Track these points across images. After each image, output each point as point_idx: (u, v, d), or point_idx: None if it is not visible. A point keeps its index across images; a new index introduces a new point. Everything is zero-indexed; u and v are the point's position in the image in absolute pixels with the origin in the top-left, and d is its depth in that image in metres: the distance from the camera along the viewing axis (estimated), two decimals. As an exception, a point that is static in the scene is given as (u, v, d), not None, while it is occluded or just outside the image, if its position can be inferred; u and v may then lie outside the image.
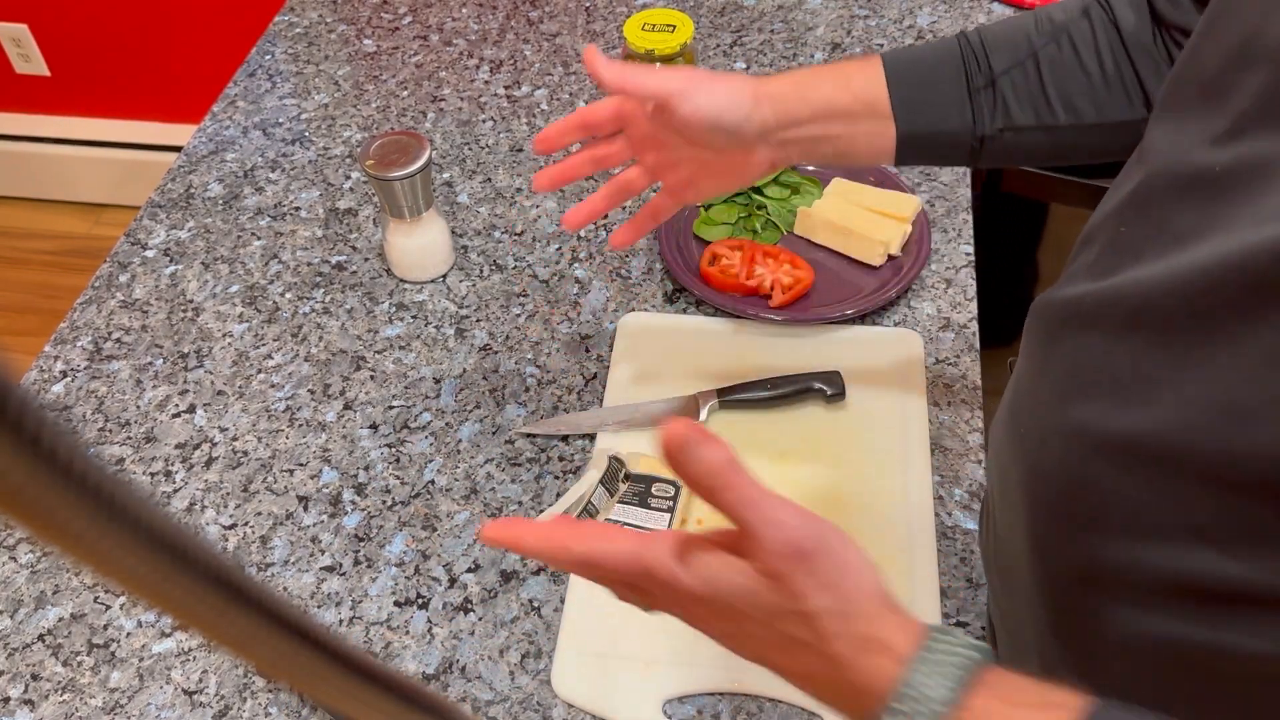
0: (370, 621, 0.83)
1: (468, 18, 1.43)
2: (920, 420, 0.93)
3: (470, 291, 1.07)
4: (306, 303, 1.07)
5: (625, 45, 1.14)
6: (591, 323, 1.04)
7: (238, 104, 1.31)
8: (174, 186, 1.21)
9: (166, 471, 0.93)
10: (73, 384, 1.01)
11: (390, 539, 0.88)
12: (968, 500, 0.88)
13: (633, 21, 1.14)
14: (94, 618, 0.84)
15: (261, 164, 1.23)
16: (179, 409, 0.98)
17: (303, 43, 1.40)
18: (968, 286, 1.04)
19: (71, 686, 0.80)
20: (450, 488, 0.91)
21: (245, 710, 0.78)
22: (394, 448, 0.94)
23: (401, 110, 1.29)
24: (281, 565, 0.87)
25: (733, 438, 0.92)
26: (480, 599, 0.84)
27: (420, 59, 1.36)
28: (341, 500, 0.91)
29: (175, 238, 1.15)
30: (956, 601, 0.82)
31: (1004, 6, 1.38)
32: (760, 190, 1.13)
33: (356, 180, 1.20)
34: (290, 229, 1.15)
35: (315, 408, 0.98)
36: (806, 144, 0.77)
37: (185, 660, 0.81)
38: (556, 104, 1.28)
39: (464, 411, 0.97)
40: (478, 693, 0.79)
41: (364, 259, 1.11)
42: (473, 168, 1.21)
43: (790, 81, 0.76)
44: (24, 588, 0.86)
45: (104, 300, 1.09)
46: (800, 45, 1.34)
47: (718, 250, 1.06)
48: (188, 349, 1.03)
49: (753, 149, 0.77)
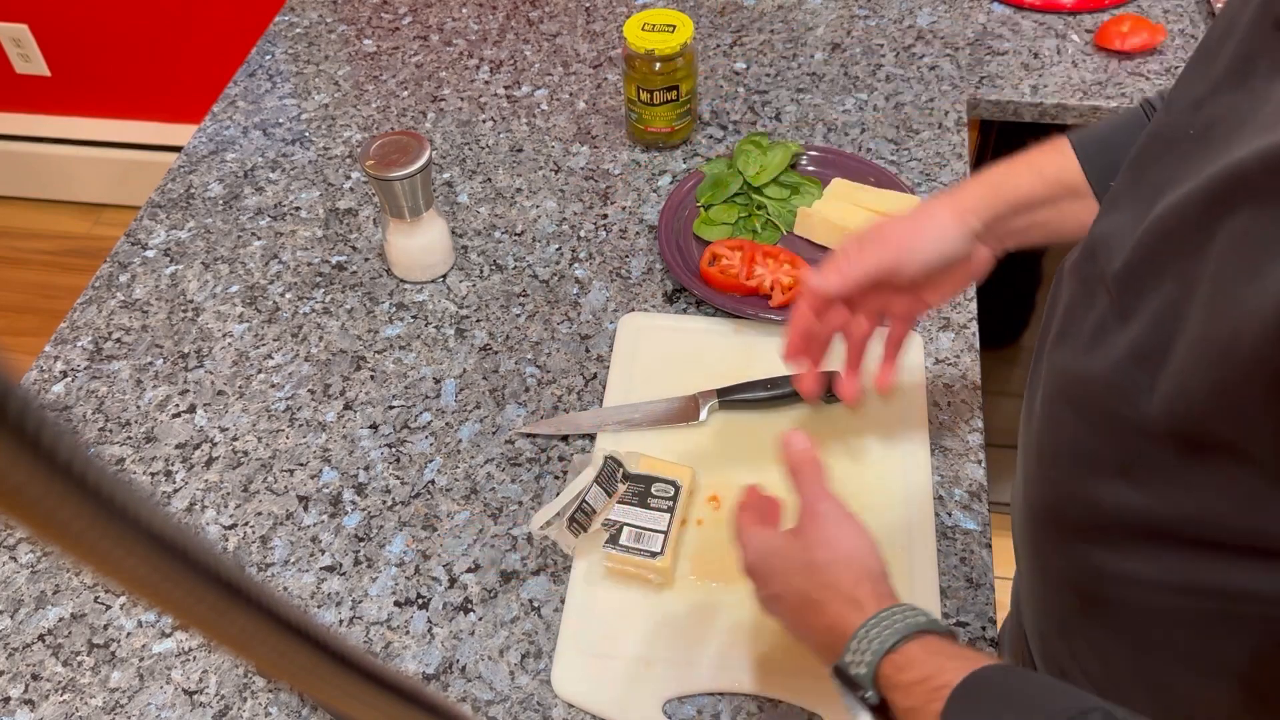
0: (370, 621, 0.83)
1: (468, 18, 1.43)
2: (920, 420, 0.93)
3: (470, 291, 1.07)
4: (306, 303, 1.07)
5: (625, 45, 1.14)
6: (591, 323, 1.04)
7: (238, 104, 1.31)
8: (174, 186, 1.21)
9: (166, 471, 0.93)
10: (73, 384, 1.01)
11: (390, 539, 0.88)
12: (968, 500, 0.88)
13: (633, 21, 1.14)
14: (94, 618, 0.84)
15: (262, 164, 1.23)
16: (179, 409, 0.98)
17: (303, 43, 1.40)
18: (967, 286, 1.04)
19: (71, 686, 0.80)
20: (450, 488, 0.91)
21: (245, 710, 0.78)
22: (394, 448, 0.94)
23: (401, 110, 1.29)
24: (281, 565, 0.87)
25: (732, 437, 0.93)
26: (480, 599, 0.84)
27: (420, 59, 1.36)
28: (341, 500, 0.91)
29: (175, 238, 1.15)
30: (957, 601, 0.82)
31: (1004, 7, 1.38)
32: (760, 190, 1.13)
33: (356, 180, 1.20)
34: (290, 229, 1.15)
35: (315, 408, 0.98)
36: (1017, 235, 0.79)
37: (185, 660, 0.81)
38: (556, 104, 1.28)
39: (464, 411, 0.97)
40: (478, 693, 0.79)
41: (364, 259, 1.11)
42: (473, 168, 1.21)
43: (985, 186, 0.78)
44: (24, 588, 0.86)
45: (104, 300, 1.09)
46: (800, 45, 1.35)
47: (718, 250, 1.06)
48: (188, 349, 1.04)
49: (971, 257, 0.79)
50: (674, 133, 1.20)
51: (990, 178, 0.79)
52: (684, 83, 1.15)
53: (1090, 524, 0.65)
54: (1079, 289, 0.66)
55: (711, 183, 1.13)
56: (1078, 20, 1.35)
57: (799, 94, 1.28)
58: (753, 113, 1.26)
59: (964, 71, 1.29)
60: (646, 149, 1.22)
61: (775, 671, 0.78)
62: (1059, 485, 0.67)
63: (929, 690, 0.54)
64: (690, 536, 0.86)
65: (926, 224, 0.77)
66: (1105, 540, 0.64)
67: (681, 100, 1.17)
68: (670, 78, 1.14)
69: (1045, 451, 0.69)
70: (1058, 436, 0.67)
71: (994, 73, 1.29)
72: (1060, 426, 0.66)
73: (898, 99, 1.26)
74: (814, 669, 0.78)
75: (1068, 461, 0.66)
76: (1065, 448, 0.66)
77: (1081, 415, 0.64)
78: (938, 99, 1.26)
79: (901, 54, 1.32)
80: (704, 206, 1.12)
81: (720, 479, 0.89)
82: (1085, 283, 0.65)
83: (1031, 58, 1.31)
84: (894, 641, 0.57)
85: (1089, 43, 1.31)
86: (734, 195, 1.12)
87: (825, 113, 1.25)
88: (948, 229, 0.77)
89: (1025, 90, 1.26)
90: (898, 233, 0.77)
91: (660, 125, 1.18)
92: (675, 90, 1.15)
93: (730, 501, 0.88)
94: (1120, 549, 0.63)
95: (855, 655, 0.59)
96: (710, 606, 0.82)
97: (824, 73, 1.30)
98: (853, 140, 1.21)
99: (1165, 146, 0.61)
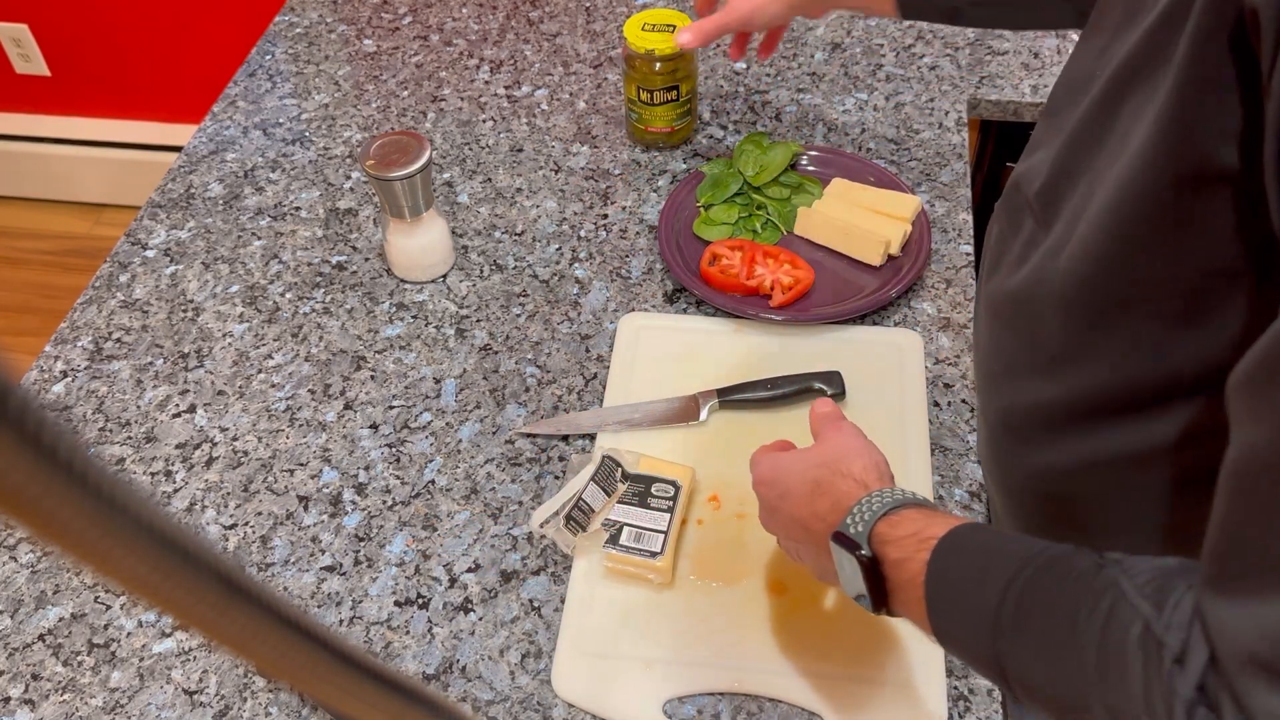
0: (370, 621, 0.83)
1: (468, 18, 1.43)
2: (920, 420, 0.93)
3: (470, 291, 1.07)
4: (306, 303, 1.07)
5: (625, 45, 1.14)
6: (591, 323, 1.04)
7: (238, 104, 1.31)
8: (174, 186, 1.21)
9: (166, 471, 0.93)
10: (73, 384, 1.01)
11: (390, 539, 0.88)
12: (968, 500, 0.88)
13: (633, 21, 1.14)
14: (94, 618, 0.84)
15: (262, 164, 1.23)
16: (179, 409, 0.98)
17: (303, 43, 1.40)
18: (968, 286, 1.04)
19: (71, 686, 0.80)
20: (450, 488, 0.91)
21: (245, 710, 0.78)
22: (394, 448, 0.94)
23: (401, 110, 1.29)
24: (281, 565, 0.87)
25: (733, 437, 0.93)
26: (480, 599, 0.84)
27: (420, 59, 1.36)
28: (342, 500, 0.91)
29: (175, 238, 1.15)
30: (956, 601, 0.82)
31: None
32: (760, 190, 1.13)
33: (356, 180, 1.20)
34: (290, 229, 1.15)
35: (315, 408, 0.98)
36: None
37: (185, 660, 0.81)
38: (556, 104, 1.28)
39: (464, 411, 0.97)
40: (478, 693, 0.79)
41: (364, 259, 1.11)
42: (473, 168, 1.21)
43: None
44: (24, 588, 0.86)
45: (104, 300, 1.09)
46: (800, 45, 1.35)
47: (718, 250, 1.06)
48: (188, 349, 1.04)
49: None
50: (674, 133, 1.20)
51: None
52: (684, 83, 1.15)
53: (1026, 427, 0.74)
54: (1005, 223, 0.75)
55: (711, 183, 1.13)
56: (1078, 20, 1.35)
57: (799, 94, 1.28)
58: (753, 113, 1.26)
59: (964, 71, 1.29)
60: (646, 149, 1.22)
61: (775, 671, 0.78)
62: (1000, 399, 0.77)
63: (917, 541, 0.59)
64: (690, 536, 0.86)
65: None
66: (1039, 440, 0.73)
67: (681, 100, 1.17)
68: (670, 78, 1.14)
69: (989, 373, 0.78)
70: (994, 357, 0.77)
71: (994, 73, 1.29)
72: (997, 347, 0.76)
73: (898, 99, 1.26)
74: (814, 669, 0.78)
75: (1002, 377, 0.76)
76: (1000, 364, 0.76)
77: (1010, 327, 0.73)
78: (938, 99, 1.26)
79: (901, 54, 1.32)
80: (704, 206, 1.12)
81: (720, 479, 0.89)
82: (1011, 214, 0.74)
83: (1031, 57, 1.31)
84: (892, 506, 0.62)
85: (1089, 43, 1.31)
86: (734, 195, 1.12)
87: (825, 112, 1.25)
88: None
89: (1025, 90, 1.26)
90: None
91: (660, 125, 1.18)
92: (675, 90, 1.15)
93: (730, 501, 0.88)
94: (1051, 444, 0.72)
95: (854, 518, 0.63)
96: (710, 606, 0.82)
97: (824, 72, 1.30)
98: (853, 140, 1.21)
99: (1074, 92, 0.67)
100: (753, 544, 0.85)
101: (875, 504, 0.62)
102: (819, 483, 0.68)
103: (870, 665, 0.78)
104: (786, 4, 1.00)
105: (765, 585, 0.82)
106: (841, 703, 0.76)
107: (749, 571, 0.83)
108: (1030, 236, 0.70)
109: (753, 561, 0.84)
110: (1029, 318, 0.70)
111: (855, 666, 0.78)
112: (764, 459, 0.75)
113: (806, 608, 0.81)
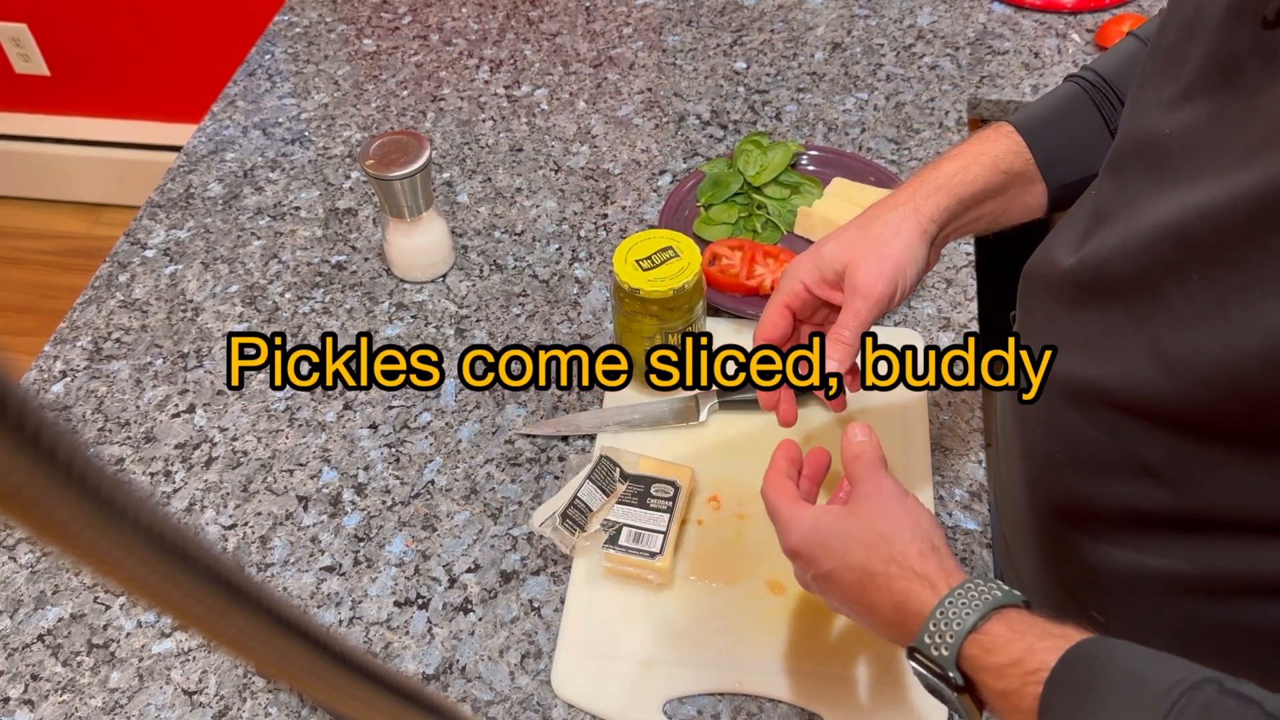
0: (370, 622, 0.83)
1: (468, 18, 1.43)
2: (920, 420, 0.93)
3: (470, 291, 1.07)
4: (306, 303, 1.07)
5: (614, 276, 0.89)
6: (591, 323, 1.04)
7: (238, 104, 1.31)
8: (174, 186, 1.21)
9: (166, 471, 0.93)
10: (73, 384, 1.01)
11: (390, 539, 0.88)
12: (968, 500, 0.88)
13: (621, 250, 0.90)
14: (94, 618, 0.84)
15: (261, 164, 1.23)
16: (179, 409, 0.98)
17: (303, 42, 1.40)
18: (968, 286, 1.04)
19: (71, 686, 0.80)
20: (450, 488, 0.91)
21: (245, 710, 0.78)
22: (394, 448, 0.94)
23: (401, 110, 1.29)
24: (281, 565, 0.87)
25: (733, 438, 0.93)
26: (480, 599, 0.84)
27: (420, 59, 1.36)
28: (341, 500, 0.91)
29: (175, 238, 1.15)
30: (956, 601, 0.82)
31: (1004, 7, 1.38)
32: (760, 190, 1.13)
33: (356, 180, 1.20)
34: (290, 229, 1.15)
35: (315, 408, 0.98)
36: (962, 230, 0.77)
37: (185, 660, 0.81)
38: (556, 104, 1.28)
39: (464, 411, 0.97)
40: (478, 693, 0.78)
41: (364, 259, 1.11)
42: (473, 168, 1.21)
43: (940, 190, 0.74)
44: (24, 588, 0.86)
45: (104, 300, 1.09)
46: (800, 45, 1.35)
47: (718, 250, 1.06)
48: (188, 349, 1.03)
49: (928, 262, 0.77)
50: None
51: (941, 177, 0.74)
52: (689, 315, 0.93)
53: (1108, 522, 0.67)
54: (1071, 297, 0.67)
55: (711, 183, 1.13)
56: (1078, 20, 1.35)
57: (799, 93, 1.28)
58: (753, 112, 1.26)
59: (964, 71, 1.29)
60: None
61: (775, 671, 0.78)
62: (1073, 488, 0.68)
63: (1023, 674, 0.53)
64: (690, 537, 0.86)
65: (904, 258, 0.71)
66: (1123, 537, 0.66)
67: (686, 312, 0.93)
68: (678, 315, 0.91)
69: (1052, 457, 0.69)
70: (1066, 441, 0.68)
71: (994, 72, 1.29)
72: (1067, 431, 0.67)
73: (898, 98, 1.26)
74: (814, 669, 0.78)
75: (1083, 465, 0.67)
76: (1078, 453, 0.67)
77: (1093, 420, 0.65)
78: (938, 99, 1.26)
79: (902, 53, 1.32)
80: (704, 206, 1.12)
81: (720, 479, 0.89)
82: (1081, 290, 0.65)
83: (1032, 57, 1.31)
84: (975, 620, 0.55)
85: (1090, 42, 1.31)
86: (734, 195, 1.12)
87: (825, 112, 1.25)
88: (917, 249, 0.72)
89: (1025, 90, 1.26)
90: (876, 279, 0.71)
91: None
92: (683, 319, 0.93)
93: (730, 502, 0.88)
94: (1144, 546, 0.65)
95: (935, 636, 0.56)
96: (710, 606, 0.82)
97: (824, 72, 1.30)
98: (853, 140, 1.21)
99: (1142, 150, 0.62)
100: (752, 544, 0.85)
101: (955, 619, 0.56)
102: (871, 575, 0.61)
103: (870, 665, 0.78)
104: (920, 269, 0.74)
105: (765, 585, 0.82)
106: (841, 703, 0.76)
107: (748, 571, 0.83)
108: (1114, 326, 0.62)
109: (752, 561, 0.84)
110: (1127, 416, 0.62)
111: (855, 666, 0.78)
112: (793, 519, 0.65)
113: (806, 608, 0.81)
